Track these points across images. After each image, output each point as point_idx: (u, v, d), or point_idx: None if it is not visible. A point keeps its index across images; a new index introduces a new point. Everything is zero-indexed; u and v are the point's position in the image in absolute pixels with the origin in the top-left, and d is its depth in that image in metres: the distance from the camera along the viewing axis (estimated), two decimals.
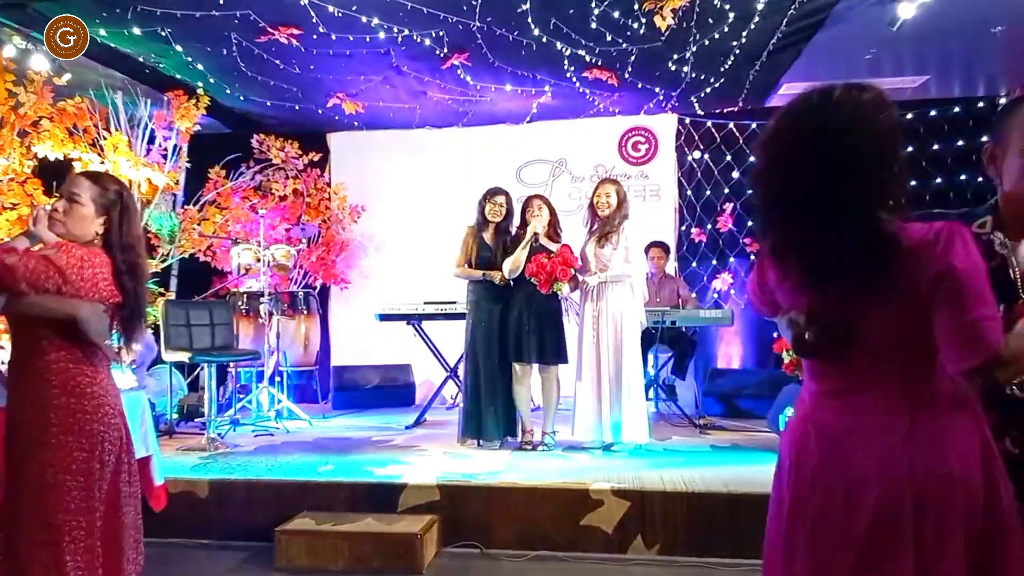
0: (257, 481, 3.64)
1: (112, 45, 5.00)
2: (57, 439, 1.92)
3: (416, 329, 5.46)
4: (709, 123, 6.67)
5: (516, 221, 4.59)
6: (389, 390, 6.36)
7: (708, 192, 6.72)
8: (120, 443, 2.07)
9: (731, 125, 6.65)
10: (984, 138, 6.59)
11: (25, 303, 1.88)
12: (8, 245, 1.94)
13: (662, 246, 6.14)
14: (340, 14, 4.53)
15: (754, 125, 6.61)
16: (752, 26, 4.71)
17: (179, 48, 5.04)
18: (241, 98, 6.08)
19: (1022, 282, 1.39)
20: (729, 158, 6.66)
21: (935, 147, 6.37)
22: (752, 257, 6.66)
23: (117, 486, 2.07)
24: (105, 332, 2.00)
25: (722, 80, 5.73)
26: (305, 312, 6.06)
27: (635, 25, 4.69)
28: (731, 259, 6.68)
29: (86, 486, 1.96)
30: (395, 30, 4.77)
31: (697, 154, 6.73)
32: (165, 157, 5.62)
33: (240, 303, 5.72)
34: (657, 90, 6.01)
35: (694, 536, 3.28)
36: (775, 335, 5.12)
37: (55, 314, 1.91)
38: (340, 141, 7.15)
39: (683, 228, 6.74)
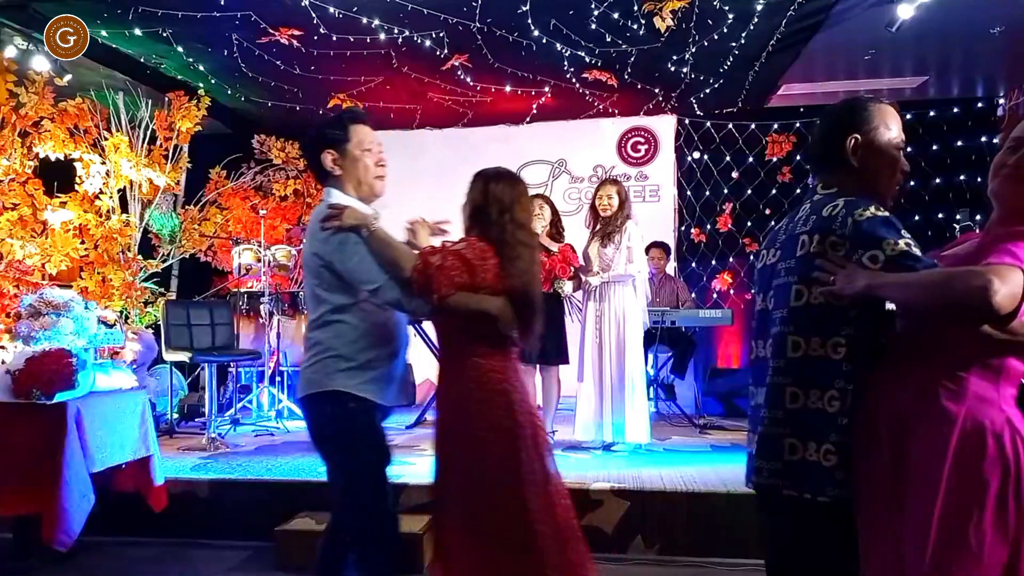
0: (257, 481, 3.65)
1: (113, 46, 5.01)
2: (481, 433, 1.99)
3: (416, 329, 5.46)
4: (708, 124, 6.68)
5: None
6: None
7: (707, 192, 6.73)
8: (536, 438, 2.05)
9: (730, 126, 6.66)
10: (983, 138, 6.65)
11: (449, 301, 1.96)
12: (426, 249, 2.03)
13: (662, 247, 6.15)
14: (341, 15, 4.54)
15: (753, 126, 6.63)
16: (751, 27, 4.72)
17: (180, 49, 5.05)
18: (242, 99, 6.09)
19: None
20: (728, 159, 6.67)
21: (934, 147, 6.38)
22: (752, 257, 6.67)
23: (550, 483, 2.07)
24: (512, 323, 2.04)
25: (721, 81, 5.74)
26: (305, 312, 6.07)
27: (634, 26, 4.70)
28: (731, 259, 6.69)
29: (512, 478, 1.97)
30: (395, 31, 4.78)
31: (696, 154, 6.74)
32: (166, 158, 5.62)
33: (240, 303, 5.73)
34: (657, 91, 6.02)
35: (694, 536, 3.29)
36: None
37: (471, 309, 2.00)
38: None
39: (683, 228, 6.75)
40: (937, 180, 6.42)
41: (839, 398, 1.53)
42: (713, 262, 6.71)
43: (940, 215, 6.38)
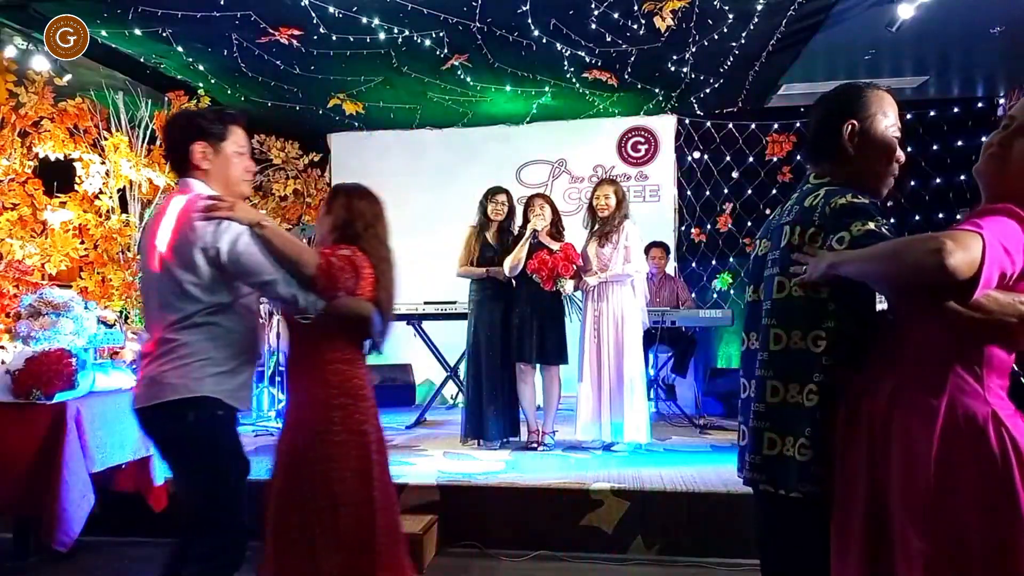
0: (257, 481, 3.63)
1: (113, 46, 5.00)
2: (340, 437, 2.03)
3: (416, 329, 5.47)
4: (708, 124, 6.68)
5: (518, 220, 4.60)
6: (389, 390, 6.36)
7: (708, 192, 6.73)
8: (382, 443, 2.16)
9: (730, 125, 6.66)
10: (983, 138, 6.65)
11: (335, 304, 2.01)
12: (324, 249, 2.08)
13: (662, 246, 6.15)
14: (340, 15, 4.54)
15: (753, 126, 6.63)
16: (751, 27, 4.72)
17: (180, 49, 5.05)
18: (242, 99, 6.09)
19: None
20: (729, 158, 6.67)
21: (934, 147, 6.38)
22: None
23: (388, 485, 2.17)
24: (380, 330, 2.14)
25: (721, 81, 5.74)
26: None
27: (635, 26, 4.70)
28: (731, 259, 6.69)
29: (364, 481, 2.05)
30: (395, 31, 4.78)
31: (697, 154, 6.74)
32: (166, 158, 5.62)
33: None
34: (657, 91, 6.02)
35: (694, 536, 3.29)
36: None
37: (354, 312, 2.06)
38: (340, 141, 7.15)
39: (683, 228, 6.75)
40: (937, 180, 6.42)
41: (817, 392, 1.50)
42: (713, 262, 6.71)
43: (940, 215, 6.37)
